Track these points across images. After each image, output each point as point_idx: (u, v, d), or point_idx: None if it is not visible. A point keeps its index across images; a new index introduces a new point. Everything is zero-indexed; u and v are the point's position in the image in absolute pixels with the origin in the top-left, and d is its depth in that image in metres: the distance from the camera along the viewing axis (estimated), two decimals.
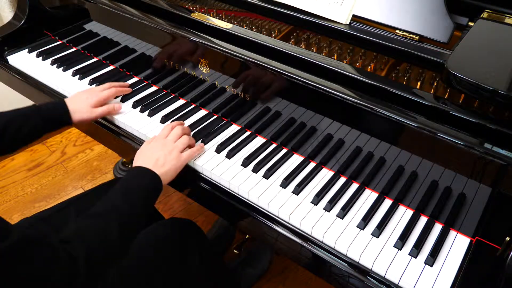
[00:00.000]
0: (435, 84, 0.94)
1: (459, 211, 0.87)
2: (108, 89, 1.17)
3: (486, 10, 0.93)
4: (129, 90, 1.23)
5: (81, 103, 1.10)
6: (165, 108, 1.19)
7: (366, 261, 0.84)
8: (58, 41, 1.48)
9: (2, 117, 1.00)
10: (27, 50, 1.42)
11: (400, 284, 0.81)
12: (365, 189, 0.98)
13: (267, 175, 0.99)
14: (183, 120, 1.15)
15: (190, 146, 1.03)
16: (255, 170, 1.01)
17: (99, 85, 1.24)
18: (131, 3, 1.21)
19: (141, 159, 0.95)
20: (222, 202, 0.99)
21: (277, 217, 0.93)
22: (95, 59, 1.39)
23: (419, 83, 0.96)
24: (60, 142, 2.22)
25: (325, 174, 1.01)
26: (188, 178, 1.03)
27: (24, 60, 1.38)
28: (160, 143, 0.99)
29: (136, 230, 0.85)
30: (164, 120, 1.14)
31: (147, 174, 0.90)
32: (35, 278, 0.66)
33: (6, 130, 0.98)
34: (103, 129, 1.18)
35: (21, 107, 1.04)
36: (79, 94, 1.13)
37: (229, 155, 1.04)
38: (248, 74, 1.03)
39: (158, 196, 0.91)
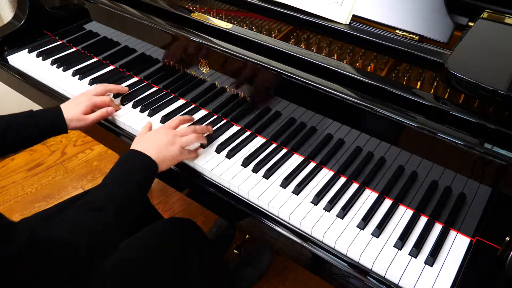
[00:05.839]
0: (435, 84, 0.94)
1: (459, 211, 0.87)
2: (103, 93, 1.15)
3: (486, 10, 0.93)
4: (126, 89, 1.22)
5: (73, 110, 1.07)
6: (165, 108, 1.19)
7: (366, 261, 0.84)
8: (58, 41, 1.48)
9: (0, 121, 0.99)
10: (27, 50, 1.42)
11: (400, 284, 0.81)
12: (365, 189, 0.98)
13: (267, 175, 0.99)
14: None
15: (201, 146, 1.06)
16: (255, 170, 1.01)
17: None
18: (131, 3, 1.21)
19: (142, 142, 0.95)
20: (222, 202, 0.99)
21: (277, 217, 0.93)
22: (95, 59, 1.39)
23: (419, 83, 0.95)
24: (60, 142, 2.22)
25: (325, 174, 1.01)
26: (188, 178, 1.03)
27: (24, 60, 1.38)
28: (165, 130, 0.99)
29: (132, 215, 0.85)
30: (164, 120, 1.14)
31: (145, 159, 0.90)
32: (42, 276, 0.67)
33: (3, 137, 0.98)
34: (103, 129, 1.18)
35: (18, 112, 1.02)
36: (73, 100, 1.11)
37: (229, 155, 1.04)
38: (248, 74, 1.03)
39: (153, 180, 0.91)
